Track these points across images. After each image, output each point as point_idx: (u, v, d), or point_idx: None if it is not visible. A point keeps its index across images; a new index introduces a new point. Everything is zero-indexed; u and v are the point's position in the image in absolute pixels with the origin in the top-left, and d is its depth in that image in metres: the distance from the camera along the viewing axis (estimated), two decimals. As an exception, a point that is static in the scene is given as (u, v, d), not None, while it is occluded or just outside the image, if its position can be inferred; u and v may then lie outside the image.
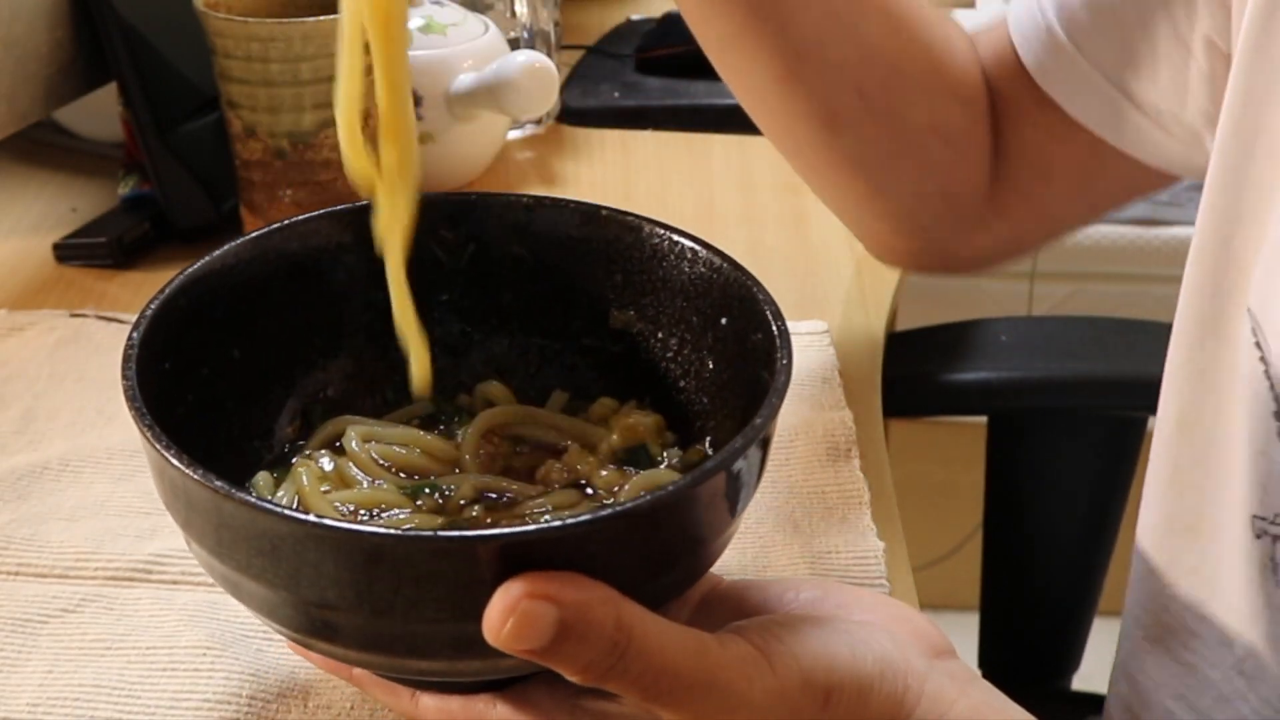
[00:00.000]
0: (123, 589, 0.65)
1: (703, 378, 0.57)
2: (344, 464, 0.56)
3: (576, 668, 0.42)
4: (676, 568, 0.46)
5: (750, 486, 0.48)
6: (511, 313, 0.60)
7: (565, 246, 0.58)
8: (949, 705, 0.48)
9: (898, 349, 0.85)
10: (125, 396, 0.47)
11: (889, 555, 0.66)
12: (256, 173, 0.87)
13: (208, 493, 0.43)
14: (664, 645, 0.43)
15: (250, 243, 0.55)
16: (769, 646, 0.46)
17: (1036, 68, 0.74)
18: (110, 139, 1.02)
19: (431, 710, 0.49)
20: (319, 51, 0.83)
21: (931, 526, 1.67)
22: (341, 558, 0.42)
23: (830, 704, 0.46)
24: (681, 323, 0.57)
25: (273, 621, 0.47)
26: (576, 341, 0.59)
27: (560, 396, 0.60)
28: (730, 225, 0.96)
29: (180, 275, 0.53)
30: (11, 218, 0.97)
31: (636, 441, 0.57)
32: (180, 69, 0.91)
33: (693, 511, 0.45)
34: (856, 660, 0.47)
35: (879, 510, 0.69)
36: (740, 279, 0.53)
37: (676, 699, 0.44)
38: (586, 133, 1.11)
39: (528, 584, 0.41)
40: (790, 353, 0.49)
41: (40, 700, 0.59)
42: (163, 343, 0.51)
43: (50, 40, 0.88)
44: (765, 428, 0.46)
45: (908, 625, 0.50)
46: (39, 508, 0.69)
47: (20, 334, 0.83)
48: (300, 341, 0.58)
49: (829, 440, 0.73)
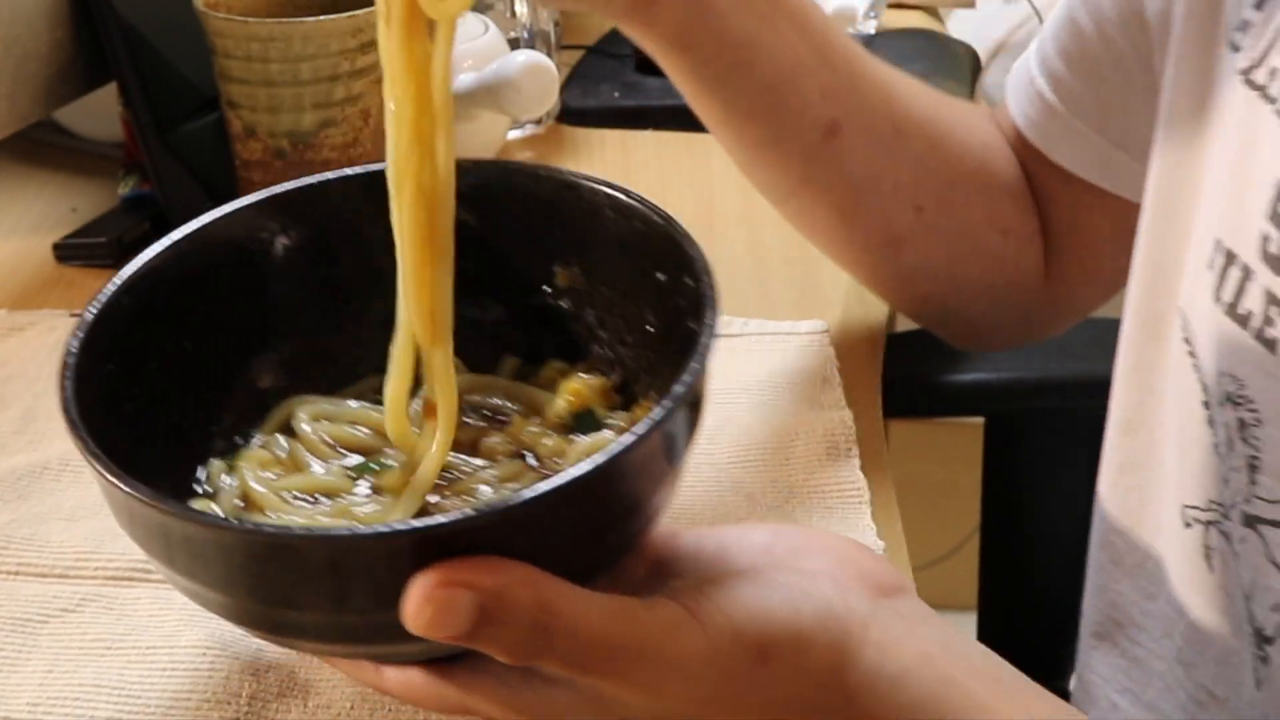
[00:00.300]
0: (123, 589, 0.65)
1: (645, 332, 0.57)
2: (295, 447, 0.56)
3: (503, 649, 0.43)
4: (607, 539, 0.47)
5: (681, 451, 0.48)
6: (460, 276, 0.60)
7: (507, 207, 0.58)
8: (896, 649, 0.47)
9: (898, 349, 0.85)
10: (60, 405, 0.48)
11: (889, 555, 0.66)
12: (256, 173, 0.87)
13: (123, 495, 0.45)
14: (589, 618, 0.43)
15: (189, 236, 0.56)
16: (699, 607, 0.45)
17: (1029, 127, 0.77)
18: (110, 139, 1.02)
19: (395, 682, 0.50)
20: (319, 51, 0.83)
21: (931, 526, 1.66)
22: (262, 558, 0.43)
23: (767, 660, 0.46)
24: (622, 277, 0.57)
25: (224, 618, 0.48)
26: (526, 301, 0.60)
27: (512, 362, 0.60)
28: (730, 225, 0.96)
29: (121, 275, 0.53)
30: (11, 218, 0.97)
31: (583, 406, 0.57)
32: (180, 69, 0.91)
33: (612, 488, 0.45)
34: (793, 613, 0.46)
35: (879, 510, 0.69)
36: (671, 233, 0.53)
37: (608, 669, 0.44)
38: (586, 133, 1.11)
39: (443, 572, 0.42)
40: (716, 311, 0.49)
41: (40, 700, 0.59)
42: (107, 345, 0.51)
43: (50, 40, 0.88)
44: (690, 389, 0.46)
45: (853, 567, 0.50)
46: (39, 508, 0.69)
47: (20, 334, 0.83)
48: (251, 326, 0.58)
49: (829, 440, 0.73)
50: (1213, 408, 0.59)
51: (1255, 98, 0.57)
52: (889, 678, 0.47)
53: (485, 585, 0.42)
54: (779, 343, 0.81)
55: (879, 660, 0.47)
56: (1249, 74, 0.58)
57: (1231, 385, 0.57)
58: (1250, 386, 0.56)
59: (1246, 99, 0.58)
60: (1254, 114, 0.57)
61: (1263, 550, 0.57)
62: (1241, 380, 0.57)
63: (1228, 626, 0.60)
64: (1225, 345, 0.57)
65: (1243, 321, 0.56)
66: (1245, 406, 0.57)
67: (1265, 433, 0.56)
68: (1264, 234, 0.55)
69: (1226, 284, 0.57)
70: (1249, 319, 0.56)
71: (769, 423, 0.74)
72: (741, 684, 0.46)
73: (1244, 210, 0.56)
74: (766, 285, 0.88)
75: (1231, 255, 0.57)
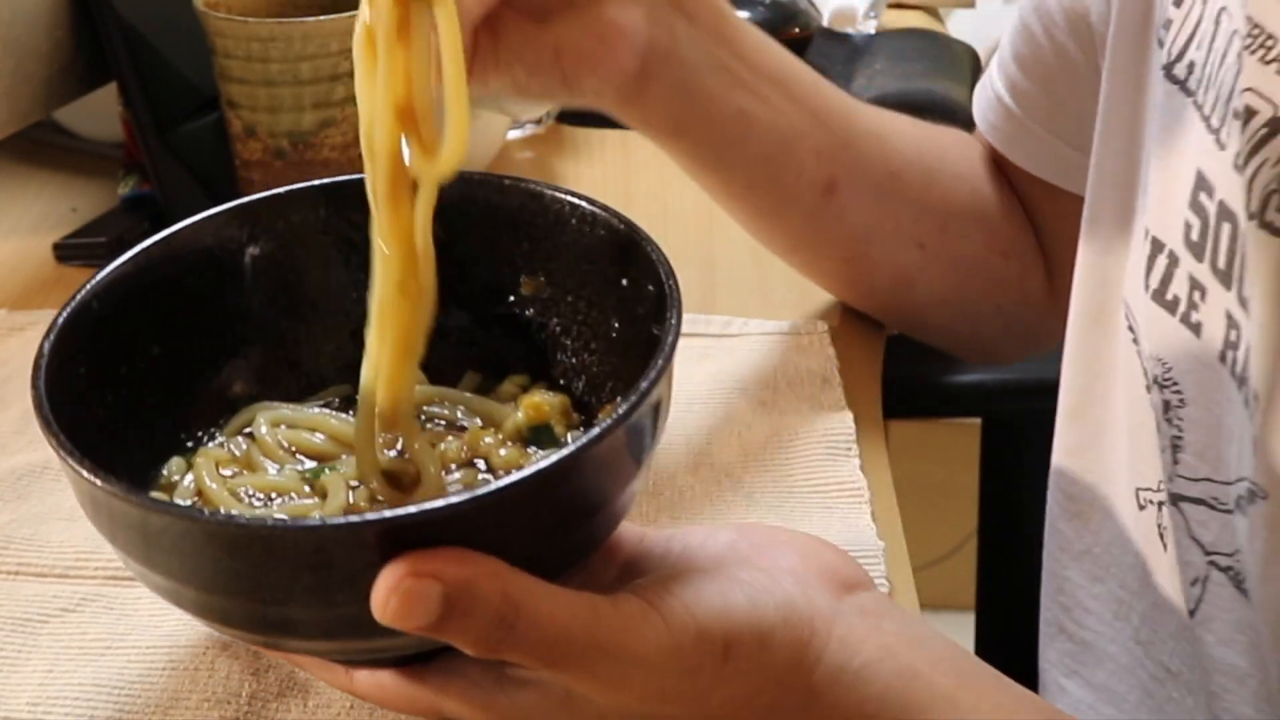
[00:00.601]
0: (123, 589, 0.65)
1: (610, 339, 0.58)
2: (252, 449, 0.57)
3: (468, 641, 0.43)
4: (572, 535, 0.47)
5: (646, 448, 0.49)
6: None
7: (472, 217, 0.59)
8: (859, 644, 0.48)
9: (898, 349, 0.85)
10: (33, 404, 0.48)
11: (889, 555, 0.66)
12: (256, 173, 0.87)
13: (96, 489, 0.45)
14: (554, 612, 0.44)
15: (161, 242, 0.56)
16: (663, 602, 0.46)
17: (990, 132, 0.79)
18: (110, 139, 1.02)
19: (366, 685, 0.50)
20: (319, 51, 0.83)
21: (931, 526, 1.66)
22: (238, 550, 0.44)
23: (730, 656, 0.46)
24: (587, 285, 0.58)
25: (185, 610, 0.48)
26: (490, 310, 0.60)
27: (473, 378, 0.60)
28: (730, 225, 0.96)
29: (92, 280, 0.54)
30: (11, 218, 0.97)
31: (541, 421, 0.57)
32: (180, 69, 0.91)
33: (578, 481, 0.46)
34: (756, 609, 0.47)
35: (879, 510, 0.69)
36: (634, 238, 0.54)
37: (573, 664, 0.44)
38: (586, 133, 1.10)
39: (411, 563, 0.42)
40: (679, 312, 0.50)
41: (40, 700, 0.59)
42: (77, 348, 0.52)
43: (50, 40, 0.88)
44: (649, 393, 0.47)
45: (815, 562, 0.50)
46: (39, 508, 0.69)
47: (20, 334, 0.83)
48: (219, 332, 0.58)
49: (829, 440, 0.73)
50: (1153, 391, 0.61)
51: (1175, 91, 0.60)
52: (852, 672, 0.48)
53: (452, 576, 0.42)
54: (779, 343, 0.81)
55: (842, 655, 0.48)
56: (1170, 69, 0.60)
57: (1158, 369, 0.59)
58: (1175, 369, 0.58)
59: (1168, 93, 0.60)
60: (1175, 107, 0.59)
61: (1185, 527, 0.59)
62: (1167, 363, 0.59)
63: (1181, 603, 0.61)
64: (1155, 330, 0.60)
65: (1171, 308, 0.58)
66: (1170, 388, 0.59)
67: (1188, 413, 0.58)
68: (1187, 222, 0.57)
69: (1154, 271, 0.60)
70: (1176, 304, 0.58)
71: (769, 423, 0.74)
72: (704, 679, 0.46)
73: (1169, 201, 0.59)
74: (766, 285, 0.88)
75: (1158, 243, 0.59)
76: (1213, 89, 0.57)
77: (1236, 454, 0.56)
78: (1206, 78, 0.58)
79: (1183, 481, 0.59)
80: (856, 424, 0.74)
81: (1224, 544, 0.58)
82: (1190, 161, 0.58)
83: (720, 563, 0.49)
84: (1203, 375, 0.57)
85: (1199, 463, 0.58)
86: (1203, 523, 0.59)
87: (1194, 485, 0.59)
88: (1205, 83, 0.58)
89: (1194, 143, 0.58)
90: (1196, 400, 0.58)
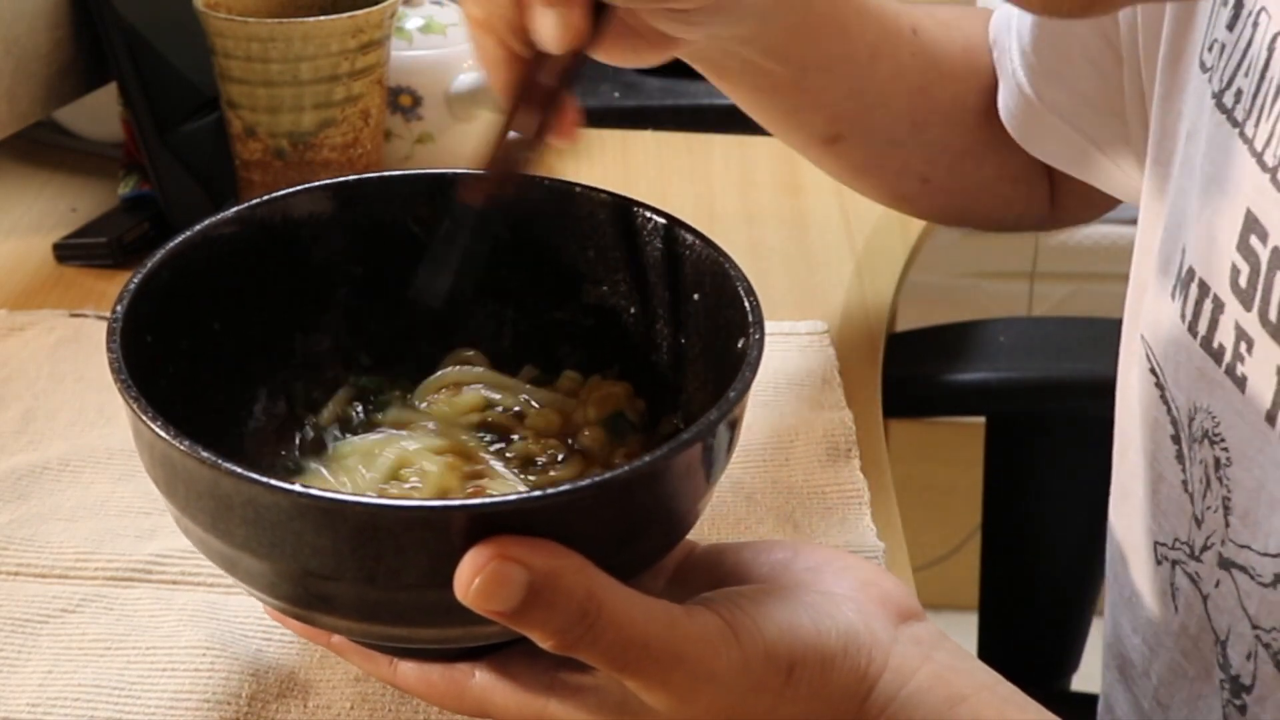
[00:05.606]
0: (123, 589, 0.65)
1: (674, 353, 0.58)
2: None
3: (547, 633, 0.43)
4: (650, 538, 0.47)
5: (723, 459, 0.49)
6: (487, 287, 0.60)
7: (540, 223, 0.58)
8: (910, 674, 0.48)
9: (898, 349, 0.85)
10: (110, 369, 0.48)
11: (889, 555, 0.66)
12: (256, 173, 0.87)
13: (194, 463, 0.44)
14: (634, 617, 0.44)
15: (233, 217, 0.56)
16: (735, 619, 0.46)
17: (1008, 119, 0.77)
18: (110, 139, 1.02)
19: (411, 677, 0.50)
20: (319, 51, 0.83)
21: (931, 526, 1.67)
22: (326, 527, 0.43)
23: (793, 677, 0.46)
24: (653, 298, 0.58)
25: (260, 591, 0.48)
26: (550, 315, 0.60)
27: (530, 371, 0.60)
28: (730, 225, 0.96)
29: (163, 249, 0.54)
30: (11, 218, 0.97)
31: (614, 409, 0.57)
32: (180, 69, 0.91)
33: (669, 483, 0.46)
34: (820, 633, 0.47)
35: (879, 510, 0.69)
36: (713, 256, 0.54)
37: (645, 670, 0.44)
38: (586, 133, 1.10)
39: (498, 545, 0.42)
40: (763, 327, 0.50)
41: (40, 700, 0.59)
42: (146, 316, 0.52)
43: (50, 40, 0.88)
44: (740, 400, 0.47)
45: (874, 590, 0.50)
46: (39, 508, 0.69)
47: (20, 334, 0.83)
48: (280, 315, 0.58)
49: (829, 440, 0.73)
50: (1183, 443, 0.58)
51: (1223, 121, 0.56)
52: (903, 699, 0.48)
53: (539, 565, 0.42)
54: (779, 343, 0.80)
55: (894, 684, 0.48)
56: (1220, 97, 0.57)
57: (1208, 422, 0.56)
58: (1223, 424, 0.55)
59: (1217, 123, 0.57)
60: (1223, 139, 0.56)
61: (1235, 595, 0.56)
62: (1216, 417, 0.56)
63: (1193, 671, 0.60)
64: (1202, 380, 0.57)
65: (1217, 357, 0.56)
66: (1219, 445, 0.56)
67: (1234, 473, 0.55)
68: (1234, 265, 0.54)
69: (1201, 317, 0.57)
70: (1222, 354, 0.55)
71: (769, 423, 0.74)
72: (767, 699, 0.46)
73: (1215, 241, 0.56)
74: (766, 285, 0.87)
75: (1205, 286, 0.56)
76: (1266, 121, 0.53)
77: (1278, 525, 0.53)
78: (1257, 108, 0.54)
79: (1234, 547, 0.56)
80: (856, 424, 0.74)
81: (1264, 618, 0.55)
82: (1239, 200, 0.54)
83: (781, 583, 0.49)
84: (1245, 433, 0.54)
85: (1241, 526, 0.55)
86: (1247, 594, 0.56)
87: (1242, 551, 0.56)
88: (1257, 114, 0.54)
89: (1244, 179, 0.54)
90: (1240, 460, 0.54)
